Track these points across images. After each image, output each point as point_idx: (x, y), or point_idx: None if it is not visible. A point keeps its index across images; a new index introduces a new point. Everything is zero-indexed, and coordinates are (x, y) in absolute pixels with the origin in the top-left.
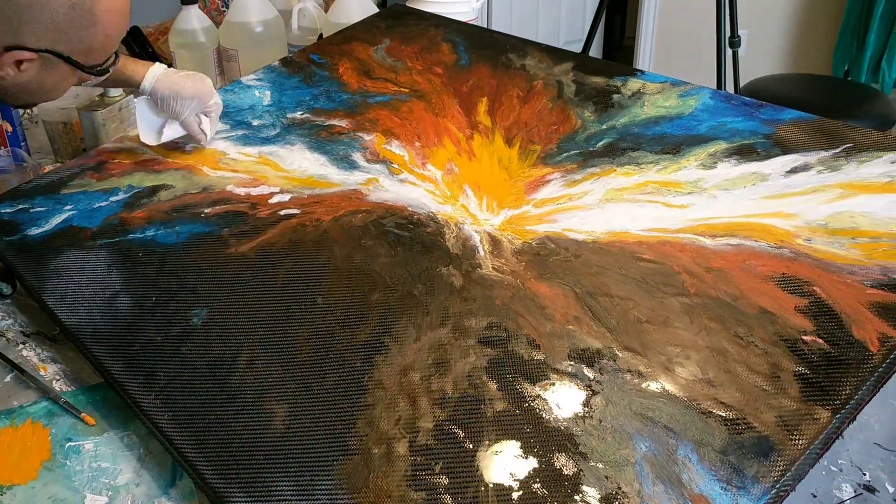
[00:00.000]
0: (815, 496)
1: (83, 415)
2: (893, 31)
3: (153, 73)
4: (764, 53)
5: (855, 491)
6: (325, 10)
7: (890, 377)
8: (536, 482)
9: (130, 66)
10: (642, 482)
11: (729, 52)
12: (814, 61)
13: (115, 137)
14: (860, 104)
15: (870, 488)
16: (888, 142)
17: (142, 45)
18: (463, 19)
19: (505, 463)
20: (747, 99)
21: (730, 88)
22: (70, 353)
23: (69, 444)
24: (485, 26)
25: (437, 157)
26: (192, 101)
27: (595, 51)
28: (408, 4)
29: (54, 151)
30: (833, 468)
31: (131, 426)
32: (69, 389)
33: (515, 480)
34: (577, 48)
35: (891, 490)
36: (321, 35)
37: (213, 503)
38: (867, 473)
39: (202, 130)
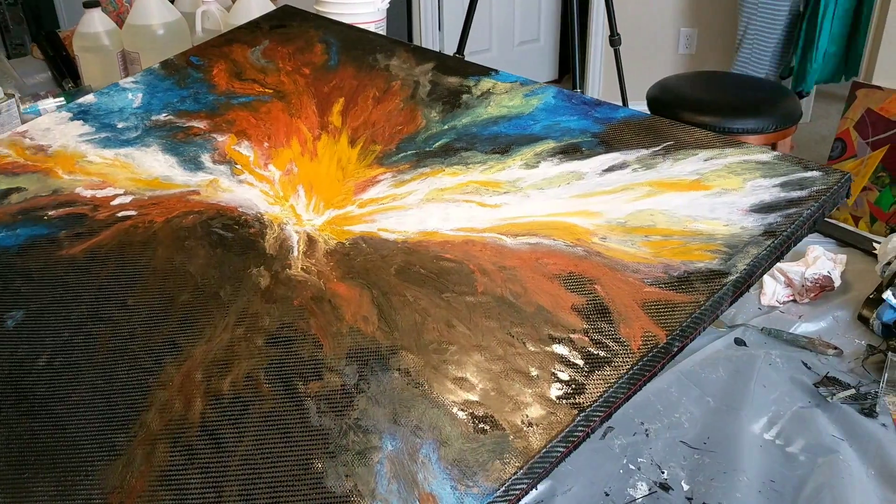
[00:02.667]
0: (607, 494)
1: None
2: (817, 29)
3: None
4: (715, 52)
5: (650, 489)
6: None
7: (652, 375)
8: (280, 482)
9: None
10: (378, 481)
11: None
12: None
13: None
14: (765, 102)
15: (665, 486)
16: (707, 140)
17: (57, 49)
18: (368, 20)
19: (255, 463)
20: (587, 98)
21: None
22: None
23: None
24: (437, 26)
25: (281, 157)
26: None
27: (552, 52)
28: (315, 7)
29: None
30: (632, 466)
31: None
32: None
33: (261, 480)
34: (533, 48)
35: (685, 488)
36: None
37: None
38: (666, 472)
39: None
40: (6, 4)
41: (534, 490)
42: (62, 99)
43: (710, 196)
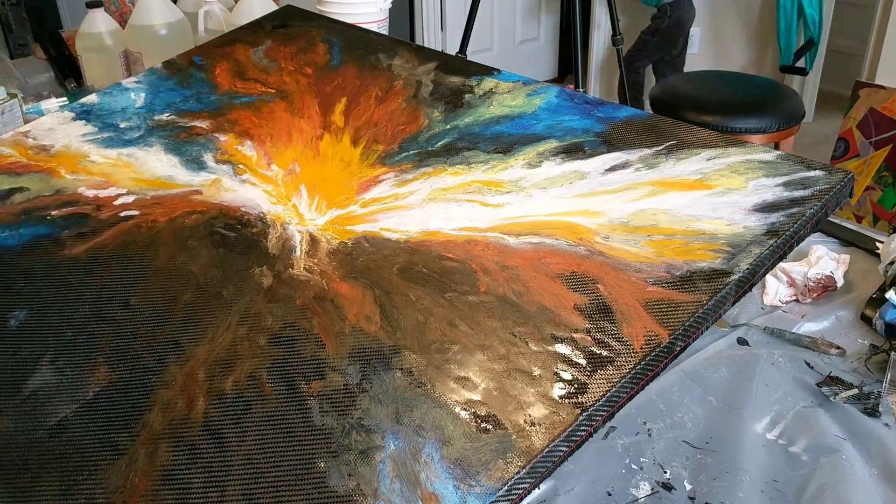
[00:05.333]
0: (610, 494)
1: None
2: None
3: None
4: (720, 51)
5: (652, 489)
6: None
7: (655, 375)
8: (282, 482)
9: None
10: (381, 481)
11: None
12: (769, 57)
13: None
14: (768, 101)
15: (667, 486)
16: (710, 139)
17: (60, 49)
18: (371, 20)
19: (258, 463)
20: (590, 97)
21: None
22: None
23: None
24: (439, 26)
25: (284, 157)
26: None
27: (552, 51)
28: (317, 7)
29: None
30: (634, 466)
31: None
32: None
33: (263, 480)
34: (534, 47)
35: (688, 488)
36: None
37: None
38: (668, 471)
39: None
40: (9, 4)
41: (536, 489)
42: (65, 99)
43: (712, 195)
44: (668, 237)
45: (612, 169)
